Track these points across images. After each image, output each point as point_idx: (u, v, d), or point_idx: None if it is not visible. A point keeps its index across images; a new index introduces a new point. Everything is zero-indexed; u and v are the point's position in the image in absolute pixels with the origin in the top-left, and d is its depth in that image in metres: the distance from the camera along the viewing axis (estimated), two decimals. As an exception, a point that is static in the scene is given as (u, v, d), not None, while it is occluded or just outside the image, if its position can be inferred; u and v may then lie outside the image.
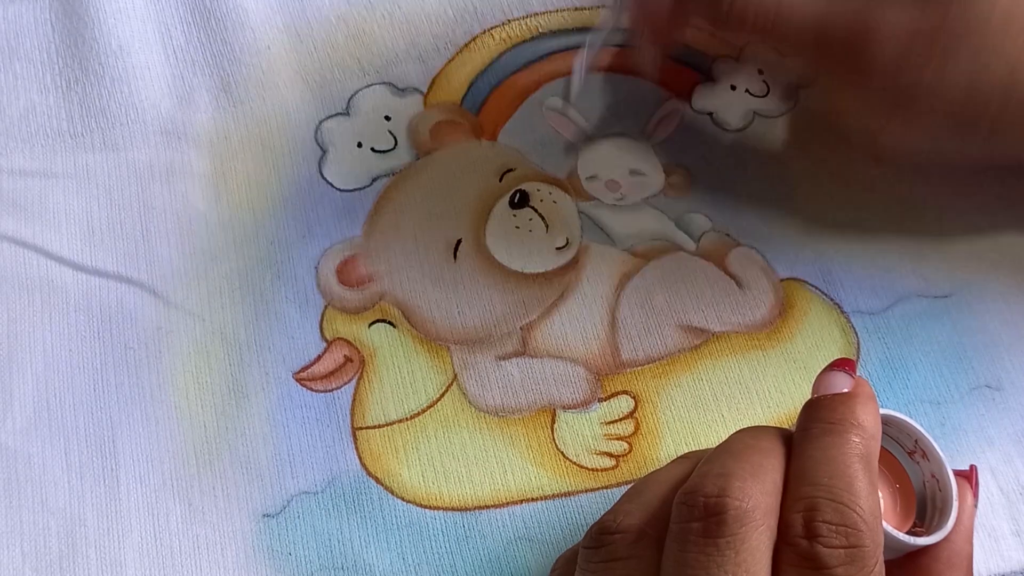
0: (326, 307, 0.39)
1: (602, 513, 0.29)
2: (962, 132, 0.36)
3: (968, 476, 0.31)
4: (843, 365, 0.30)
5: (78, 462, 0.37)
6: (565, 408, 0.38)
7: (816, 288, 0.40)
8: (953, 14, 0.34)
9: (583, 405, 0.38)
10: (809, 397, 0.30)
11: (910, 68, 0.34)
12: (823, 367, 0.30)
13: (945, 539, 0.29)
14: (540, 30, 0.44)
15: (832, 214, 0.41)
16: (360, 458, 0.37)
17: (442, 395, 0.38)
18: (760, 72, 0.43)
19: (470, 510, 0.36)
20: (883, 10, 0.34)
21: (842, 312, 0.39)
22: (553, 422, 0.38)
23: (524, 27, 0.44)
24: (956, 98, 0.34)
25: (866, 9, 0.34)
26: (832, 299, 0.39)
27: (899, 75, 0.35)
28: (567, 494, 0.37)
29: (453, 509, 0.36)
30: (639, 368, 0.38)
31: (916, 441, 0.31)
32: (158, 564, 0.36)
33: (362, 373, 0.38)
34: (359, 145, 0.42)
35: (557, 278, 0.40)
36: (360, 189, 0.41)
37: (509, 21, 0.45)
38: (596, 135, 0.42)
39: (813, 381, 0.30)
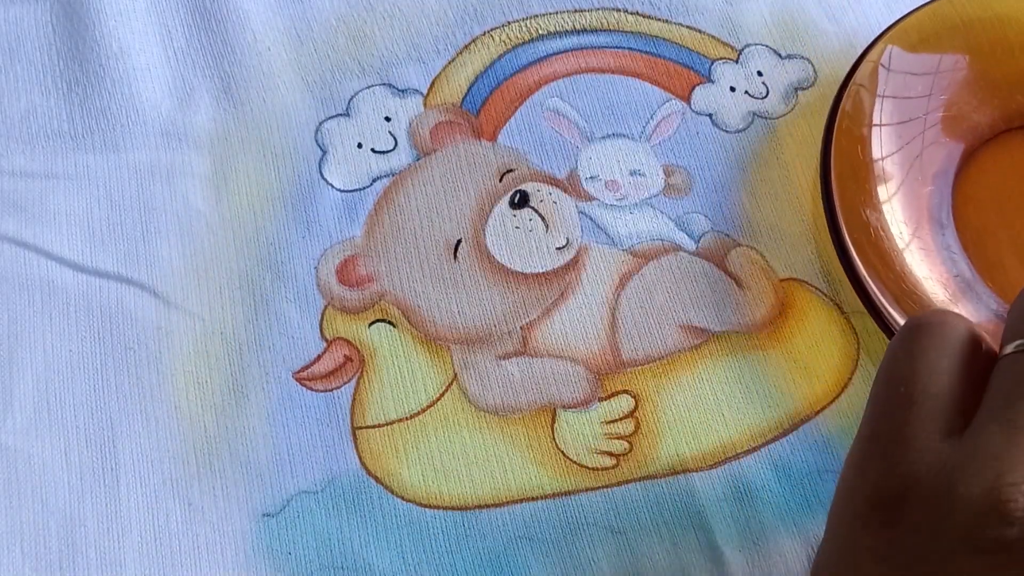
0: (326, 307, 0.39)
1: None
2: None
3: None
4: None
5: (78, 462, 0.37)
6: (565, 407, 0.38)
7: (816, 288, 0.40)
8: None
9: (583, 404, 0.38)
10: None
11: None
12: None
13: None
14: (540, 32, 0.44)
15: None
16: (360, 457, 0.37)
17: (442, 394, 0.38)
18: (759, 74, 0.44)
19: (470, 509, 0.36)
20: None
21: (842, 312, 0.39)
22: (553, 421, 0.38)
23: (524, 29, 0.44)
24: None
25: None
26: (832, 299, 0.39)
27: None
28: (567, 493, 0.37)
29: (453, 508, 0.36)
30: (639, 368, 0.38)
31: None
32: (158, 564, 0.36)
33: (362, 373, 0.38)
34: (359, 146, 0.42)
35: (557, 278, 0.40)
36: (360, 189, 0.41)
37: (509, 23, 0.45)
38: (596, 135, 0.42)
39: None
